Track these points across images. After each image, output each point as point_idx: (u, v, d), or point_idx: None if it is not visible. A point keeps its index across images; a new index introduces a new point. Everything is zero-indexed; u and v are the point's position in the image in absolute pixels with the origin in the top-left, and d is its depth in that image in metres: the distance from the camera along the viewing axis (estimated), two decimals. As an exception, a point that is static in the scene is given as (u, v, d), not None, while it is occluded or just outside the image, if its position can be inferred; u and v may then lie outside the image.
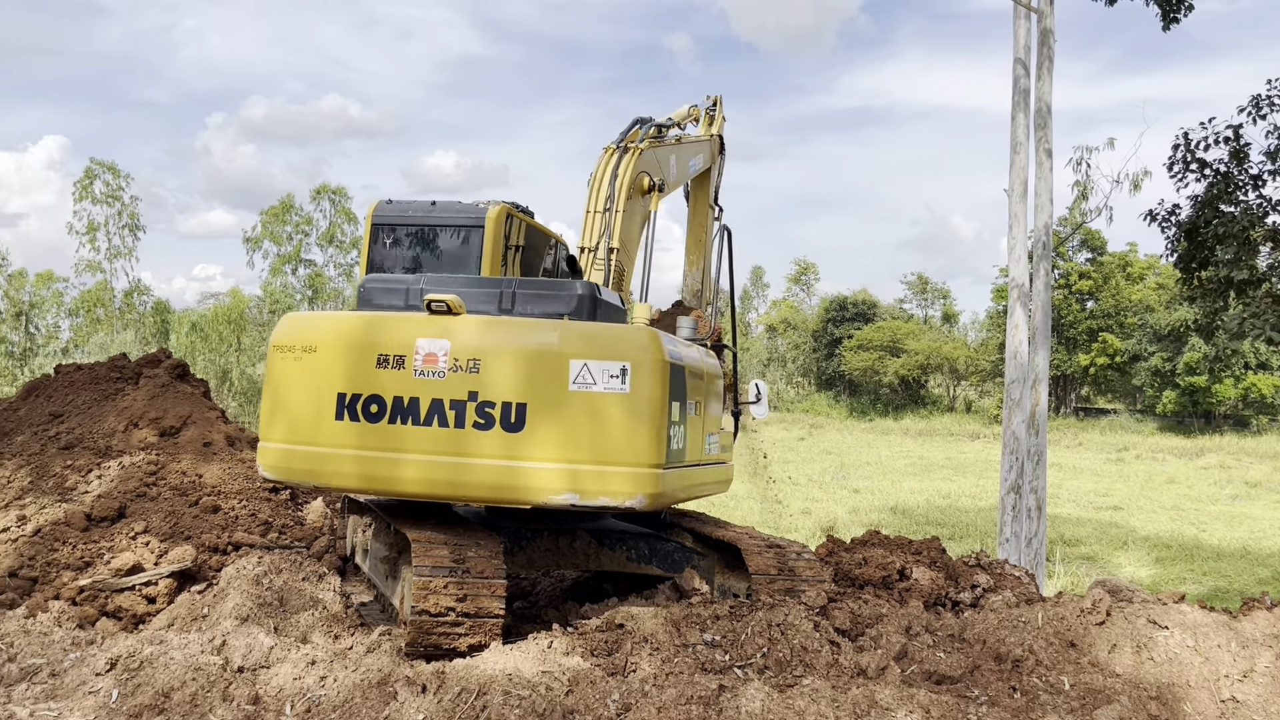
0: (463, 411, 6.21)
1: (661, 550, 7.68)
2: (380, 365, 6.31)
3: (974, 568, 8.36)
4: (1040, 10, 15.30)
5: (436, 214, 8.12)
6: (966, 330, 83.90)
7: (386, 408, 6.29)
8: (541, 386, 6.16)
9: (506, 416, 6.19)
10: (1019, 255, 15.16)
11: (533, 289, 6.87)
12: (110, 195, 56.89)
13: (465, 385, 6.22)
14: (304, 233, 62.02)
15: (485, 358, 6.22)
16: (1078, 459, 42.26)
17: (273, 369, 6.64)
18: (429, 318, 6.43)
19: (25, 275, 51.68)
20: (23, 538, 7.51)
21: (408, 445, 6.26)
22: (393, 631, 6.56)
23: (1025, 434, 14.65)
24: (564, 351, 6.20)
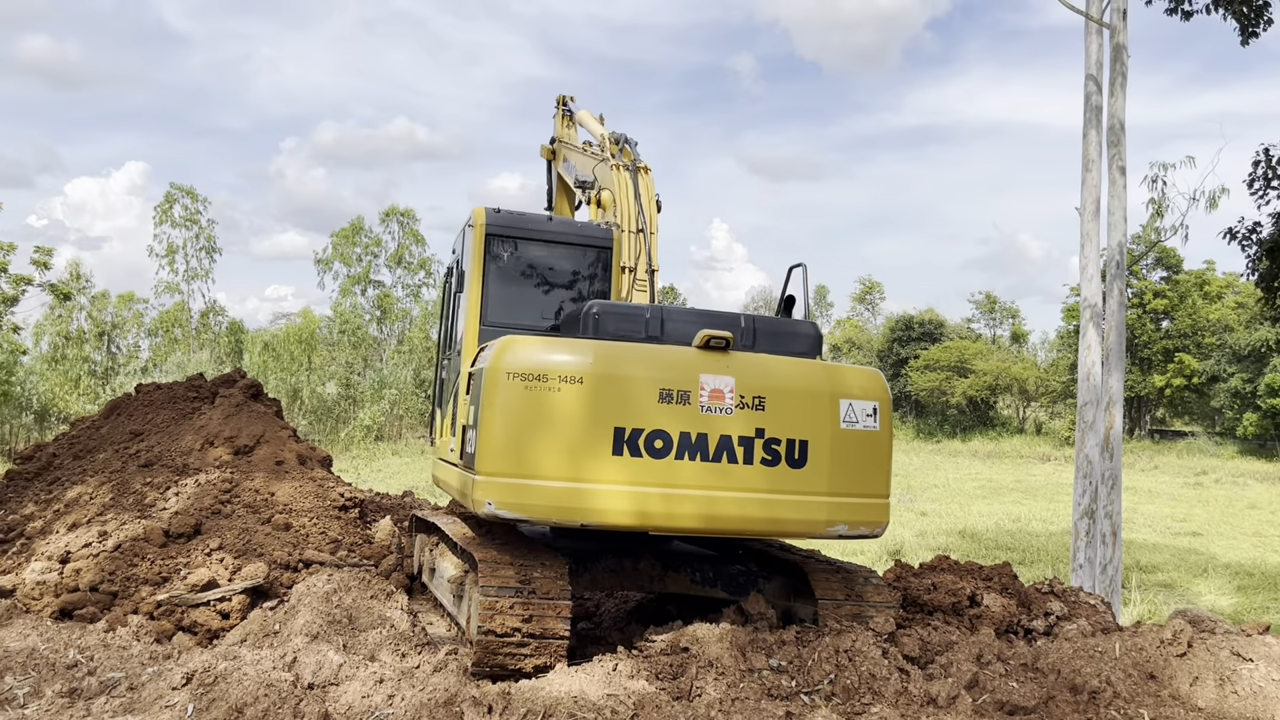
0: (751, 448, 6.38)
1: (726, 573, 7.63)
2: (663, 400, 6.27)
3: (1047, 595, 8.17)
4: (1113, 26, 15.03)
5: (562, 230, 8.07)
6: (1036, 350, 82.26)
7: (672, 444, 6.26)
8: (819, 424, 6.51)
9: (791, 452, 6.45)
10: (1091, 274, 14.85)
11: (770, 326, 6.99)
12: (189, 219, 58.58)
13: (752, 422, 6.38)
14: (373, 254, 63.16)
15: (769, 395, 6.44)
16: (1154, 483, 41.10)
17: (509, 398, 6.22)
18: (706, 354, 6.47)
19: (108, 296, 53.33)
20: (104, 553, 7.72)
21: (691, 481, 6.27)
22: (459, 651, 6.60)
23: (1099, 457, 14.30)
24: (835, 391, 6.60)
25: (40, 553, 7.91)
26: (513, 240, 7.80)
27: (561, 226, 8.08)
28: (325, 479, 9.24)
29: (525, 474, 6.16)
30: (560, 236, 7.97)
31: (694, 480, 6.25)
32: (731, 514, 6.36)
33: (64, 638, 6.76)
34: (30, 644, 6.58)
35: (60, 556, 7.74)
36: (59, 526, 8.36)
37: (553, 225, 8.05)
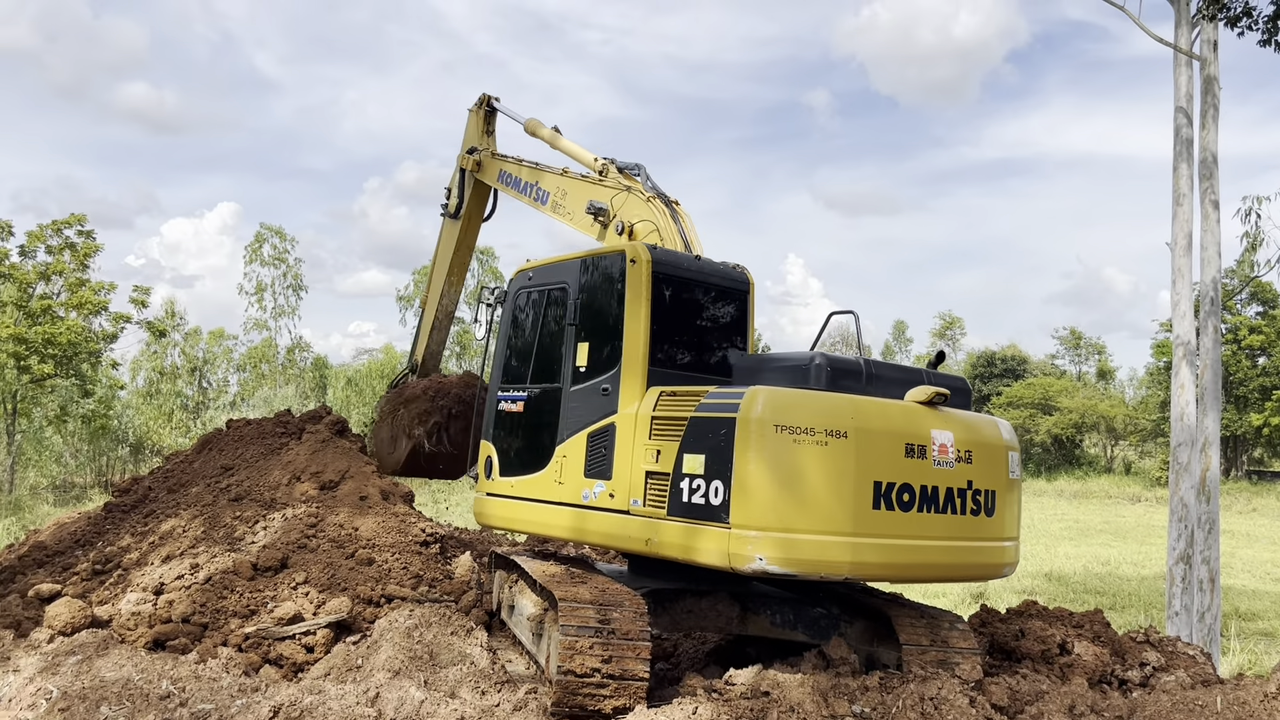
0: (965, 499, 6.75)
1: (807, 616, 7.52)
2: (909, 454, 6.53)
3: (1142, 644, 7.89)
4: (1203, 58, 14.68)
5: (712, 272, 7.87)
6: (1124, 387, 80.00)
7: (915, 497, 6.52)
8: (1001, 474, 7.01)
9: (988, 502, 6.88)
10: (1184, 311, 14.42)
11: (944, 382, 7.21)
12: (277, 257, 60.35)
13: (965, 475, 6.75)
14: (453, 291, 64.19)
15: (975, 449, 6.84)
16: (1252, 526, 39.45)
17: (776, 451, 6.22)
18: (929, 409, 6.79)
19: (200, 333, 55.16)
20: (195, 585, 7.92)
21: (928, 532, 6.57)
22: (539, 690, 6.60)
23: (1194, 500, 13.79)
24: (1008, 444, 7.17)
25: (136, 584, 8.15)
26: (675, 279, 7.58)
27: (708, 267, 7.85)
28: (407, 514, 9.36)
29: (795, 528, 6.20)
30: (710, 277, 7.81)
31: (931, 531, 6.56)
32: (955, 562, 6.74)
33: (157, 668, 6.94)
34: (125, 674, 6.78)
35: (154, 588, 7.97)
36: (154, 558, 8.61)
37: (702, 265, 7.83)
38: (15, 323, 31.01)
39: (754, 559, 6.09)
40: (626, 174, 8.75)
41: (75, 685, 6.61)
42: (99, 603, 8.08)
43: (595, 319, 7.65)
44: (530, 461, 7.96)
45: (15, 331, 30.37)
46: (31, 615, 7.96)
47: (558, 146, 10.13)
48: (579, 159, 9.58)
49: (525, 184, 10.05)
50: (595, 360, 7.51)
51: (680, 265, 7.66)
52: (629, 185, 8.63)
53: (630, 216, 8.39)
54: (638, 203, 8.43)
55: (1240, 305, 64.21)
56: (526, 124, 10.68)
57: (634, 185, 8.60)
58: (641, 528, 6.80)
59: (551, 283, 8.17)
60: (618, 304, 7.45)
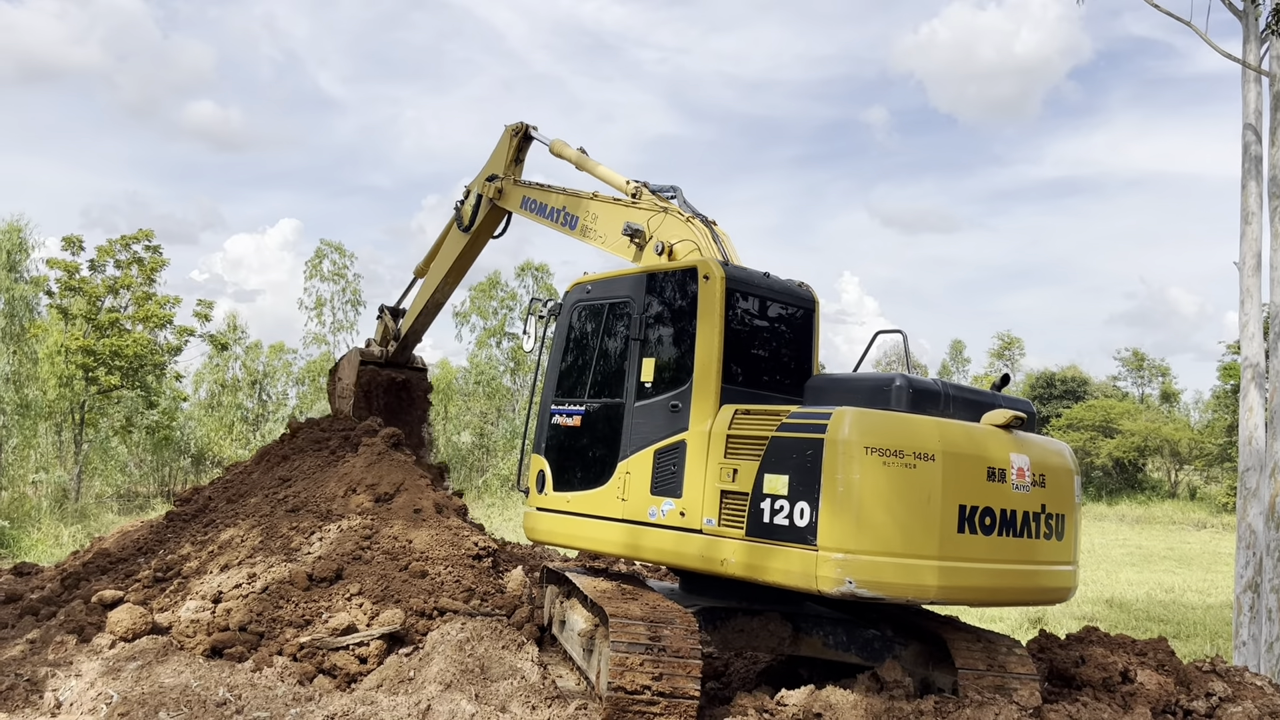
0: (1039, 523, 6.81)
1: (861, 638, 7.41)
2: (990, 478, 6.57)
3: (1209, 674, 7.65)
4: (1272, 74, 14.35)
5: (781, 289, 7.83)
6: (1189, 410, 78.05)
7: (996, 520, 6.57)
8: (1070, 499, 7.09)
9: (1059, 525, 6.96)
10: (1253, 332, 14.05)
11: (1014, 406, 7.24)
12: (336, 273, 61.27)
13: (1039, 499, 6.81)
14: (508, 307, 64.73)
15: (1048, 474, 6.91)
16: (1324, 555, 38.13)
17: (869, 474, 6.20)
18: (1009, 434, 6.85)
19: (260, 347, 56.15)
20: (253, 594, 8.04)
21: (1008, 556, 6.62)
22: (589, 706, 6.59)
23: (1263, 527, 13.39)
24: (1073, 469, 7.23)
25: (195, 591, 8.30)
26: (747, 295, 7.54)
27: (777, 284, 7.80)
28: (460, 528, 9.42)
29: (886, 551, 6.17)
30: (779, 295, 7.77)
31: (1010, 555, 6.58)
32: (1032, 585, 6.79)
33: (214, 676, 7.05)
34: (184, 680, 6.89)
35: (213, 596, 8.10)
36: (212, 567, 8.76)
37: (771, 282, 7.77)
38: (84, 335, 31.87)
39: (843, 581, 6.04)
40: (660, 196, 8.71)
41: (135, 690, 6.74)
42: (159, 609, 8.23)
43: (663, 334, 7.60)
44: (588, 477, 7.85)
45: (84, 344, 31.22)
46: (94, 621, 8.13)
47: (584, 167, 10.05)
48: (610, 182, 9.53)
49: (552, 209, 9.92)
50: (662, 376, 7.45)
51: (751, 282, 7.62)
52: (665, 207, 8.57)
53: (669, 236, 8.35)
54: (676, 223, 8.39)
55: (1311, 327, 62.33)
56: (552, 145, 10.61)
57: (670, 207, 8.55)
58: (716, 547, 6.73)
59: (613, 297, 8.06)
60: (688, 320, 7.38)
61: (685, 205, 8.58)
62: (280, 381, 58.00)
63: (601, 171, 9.78)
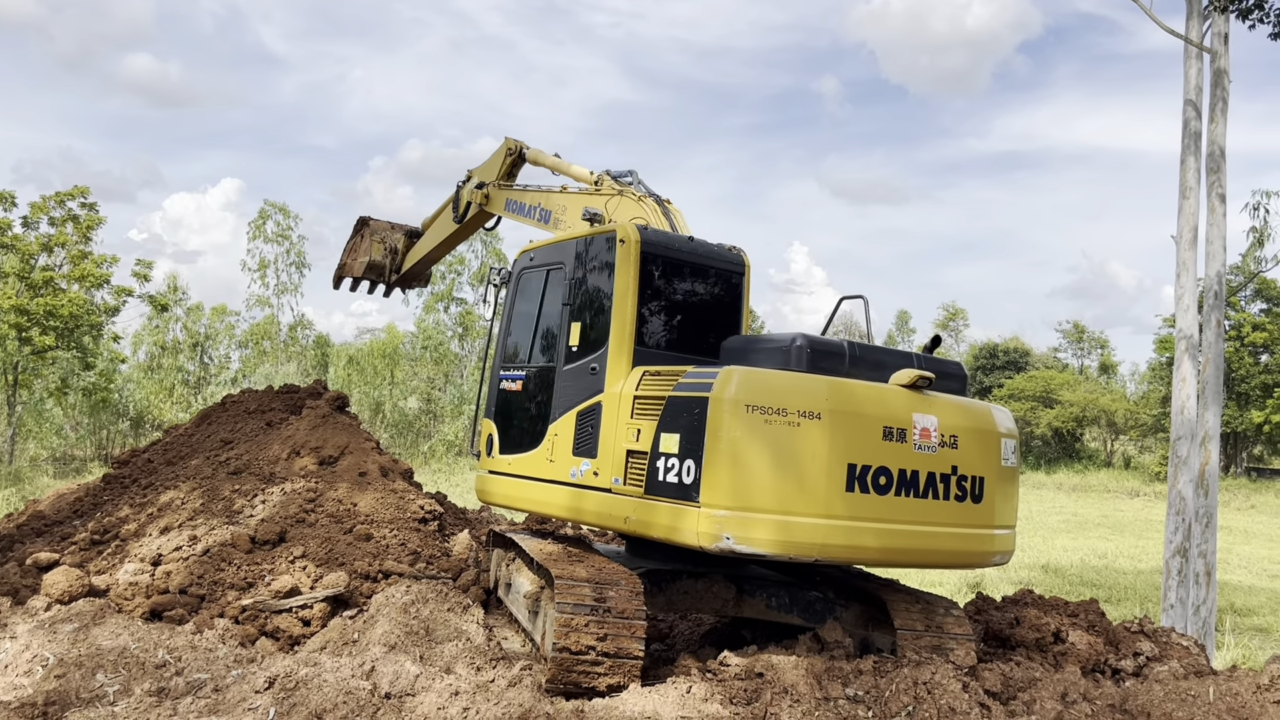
0: (948, 484, 6.67)
1: (803, 599, 7.53)
2: (886, 437, 6.46)
3: (1137, 635, 7.90)
4: (1213, 50, 14.61)
5: (706, 253, 7.86)
6: (1126, 382, 79.96)
7: (893, 480, 6.46)
8: (991, 461, 6.89)
9: (975, 489, 6.78)
10: (1187, 305, 14.39)
11: (934, 366, 7.12)
12: (280, 235, 60.21)
13: (949, 460, 6.67)
14: (456, 272, 64.17)
15: (961, 434, 6.74)
16: (1250, 522, 39.49)
17: (748, 432, 6.20)
18: (912, 393, 6.71)
19: (202, 309, 55.12)
20: (193, 556, 7.94)
21: (906, 517, 6.50)
22: (534, 667, 6.63)
23: (1193, 495, 13.80)
24: (1000, 431, 7.02)
25: (133, 554, 8.17)
26: (664, 259, 7.59)
27: (702, 248, 7.84)
28: (406, 491, 9.38)
29: (764, 508, 6.16)
30: (704, 258, 7.78)
31: (909, 515, 6.48)
32: (937, 547, 6.64)
33: (154, 638, 6.97)
34: (121, 643, 6.80)
35: (152, 559, 7.99)
36: (152, 529, 8.63)
37: (695, 246, 7.81)
38: (17, 294, 31.01)
39: (721, 538, 6.10)
40: (619, 181, 8.90)
41: (71, 652, 6.64)
42: (96, 572, 8.10)
43: (587, 299, 7.67)
44: (526, 440, 8.02)
45: (17, 303, 30.38)
46: (29, 583, 7.98)
47: (559, 170, 10.33)
48: (578, 178, 9.78)
49: (529, 208, 10.22)
50: (585, 340, 7.53)
51: (671, 246, 7.66)
52: (620, 190, 8.77)
53: (623, 216, 8.48)
54: (630, 203, 8.57)
55: (1245, 302, 64.13)
56: (529, 155, 10.89)
57: (626, 190, 8.73)
58: (621, 505, 6.84)
59: (550, 263, 8.22)
60: (608, 283, 7.46)
61: (639, 186, 8.77)
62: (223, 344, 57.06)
63: (573, 170, 10.02)
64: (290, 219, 60.80)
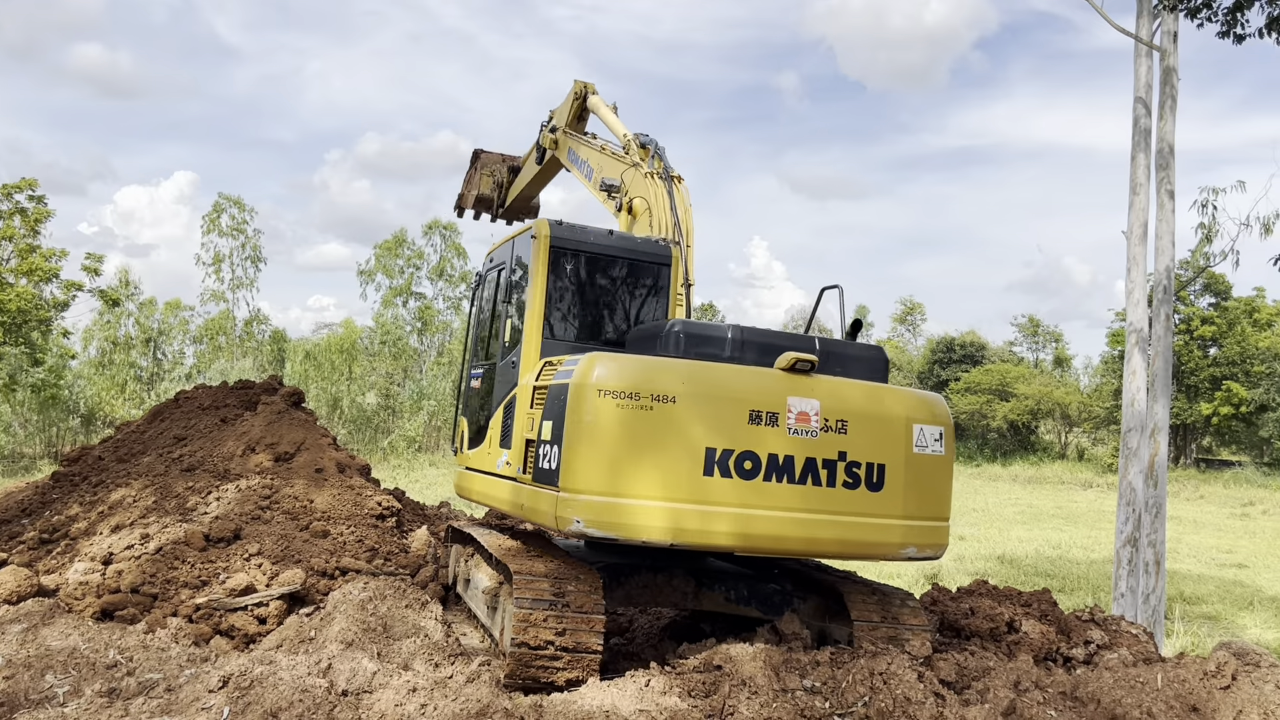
0: (834, 470, 6.44)
1: (761, 592, 7.58)
2: (753, 421, 6.29)
3: (1087, 623, 8.04)
4: (1163, 49, 14.86)
5: (622, 244, 7.93)
6: (1080, 375, 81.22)
7: (761, 465, 6.28)
8: (895, 448, 6.58)
9: (870, 476, 6.52)
10: (1138, 299, 14.65)
11: (841, 350, 7.00)
12: (235, 228, 59.45)
13: (835, 445, 6.44)
14: (415, 266, 63.70)
15: (851, 419, 6.49)
16: (1199, 513, 40.32)
17: (601, 416, 6.20)
18: (792, 376, 6.52)
19: (155, 303, 54.24)
20: (145, 555, 7.82)
21: (779, 503, 6.30)
22: (492, 663, 6.61)
23: (1143, 485, 14.06)
24: (909, 416, 6.70)
25: (83, 553, 8.03)
26: (576, 253, 7.68)
27: (622, 241, 7.92)
28: (363, 487, 9.31)
29: (615, 493, 6.15)
30: (622, 251, 7.83)
31: (781, 502, 6.30)
32: (816, 536, 6.44)
33: (104, 638, 6.86)
34: (71, 643, 6.69)
35: (103, 558, 7.86)
36: (102, 528, 8.49)
37: (614, 240, 7.89)
38: (-37, 289, 30.36)
39: (572, 521, 6.14)
40: (644, 150, 8.79)
41: (20, 654, 6.52)
42: (45, 572, 7.96)
43: (517, 296, 7.89)
44: (479, 435, 8.33)
45: (-37, 298, 29.74)
46: (-24, 584, 7.82)
47: (598, 114, 10.11)
48: (613, 131, 9.59)
49: (581, 161, 10.11)
50: (514, 336, 7.76)
51: (584, 240, 7.76)
52: (635, 163, 8.75)
53: (632, 193, 8.57)
54: (639, 180, 8.54)
55: (1194, 296, 65.39)
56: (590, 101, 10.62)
57: (641, 163, 8.71)
58: (518, 493, 7.01)
59: (499, 262, 8.50)
60: (527, 279, 7.65)
61: (652, 161, 8.65)
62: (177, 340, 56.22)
63: (614, 129, 9.76)
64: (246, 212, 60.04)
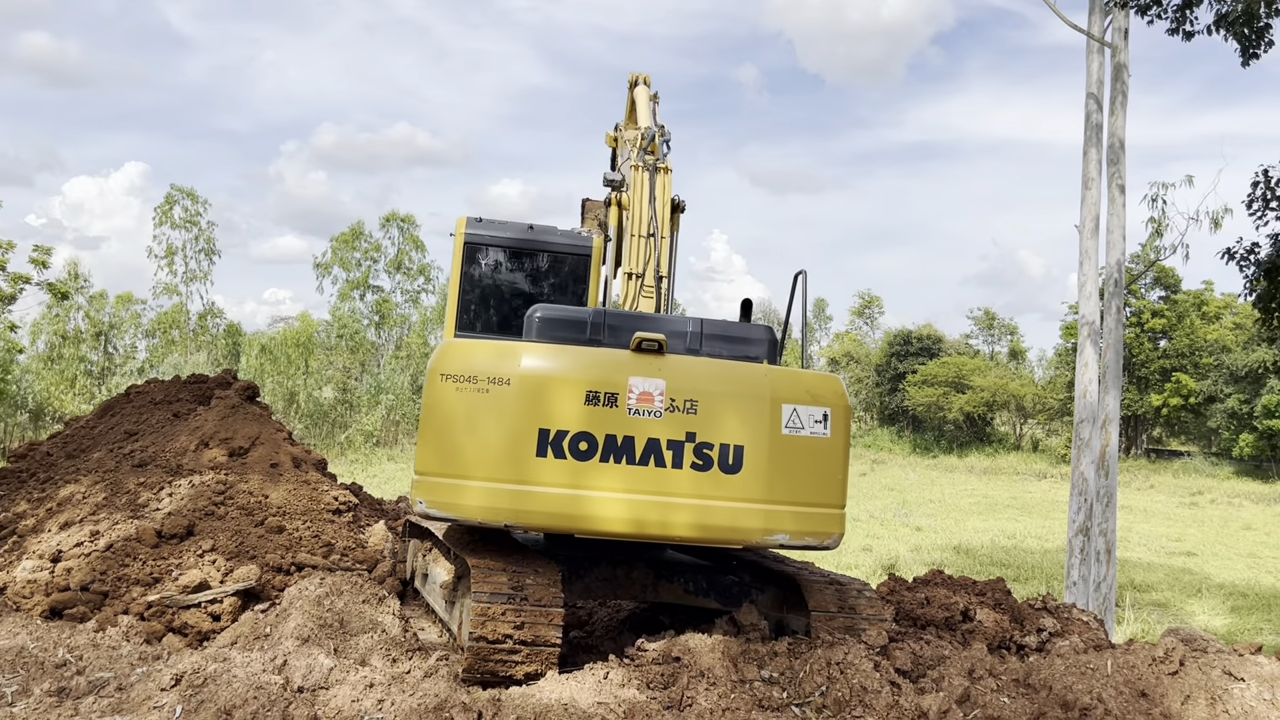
0: (680, 452, 6.22)
1: (720, 584, 7.61)
2: (590, 402, 6.18)
3: (1040, 611, 8.17)
4: (1114, 45, 15.09)
5: (541, 238, 8.03)
6: (1034, 367, 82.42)
7: (597, 446, 6.16)
8: (757, 429, 6.29)
9: (725, 458, 6.27)
10: (1090, 292, 14.88)
11: (719, 330, 6.86)
12: (188, 220, 58.59)
13: (683, 426, 6.23)
14: (372, 259, 63.13)
15: (702, 399, 6.26)
16: (1149, 502, 41.11)
17: (442, 399, 6.29)
18: (638, 356, 6.35)
19: (105, 297, 53.30)
20: (95, 552, 7.69)
21: (616, 484, 6.16)
22: (450, 657, 6.58)
23: (1094, 475, 14.30)
24: (778, 396, 6.38)
25: (31, 551, 7.88)
26: (492, 248, 7.90)
27: (542, 235, 8.06)
28: (320, 482, 9.21)
29: (454, 474, 6.24)
30: (538, 245, 7.98)
31: (619, 483, 6.16)
32: (662, 519, 6.23)
33: (53, 637, 6.74)
34: (19, 642, 6.56)
35: (51, 555, 7.71)
36: (51, 525, 8.33)
37: (532, 234, 8.03)
38: (-94, 282, 29.64)
39: (417, 503, 6.31)
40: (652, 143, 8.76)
41: (-35, 654, 6.38)
42: (-8, 570, 7.79)
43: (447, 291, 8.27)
44: None
45: (-94, 291, 29.05)
46: (-81, 583, 7.64)
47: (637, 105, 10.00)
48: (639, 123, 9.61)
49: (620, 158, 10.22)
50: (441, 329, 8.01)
51: (499, 235, 7.96)
52: (627, 156, 8.94)
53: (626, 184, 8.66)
54: (631, 171, 8.58)
55: (1144, 290, 66.54)
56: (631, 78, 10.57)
57: (632, 156, 8.80)
58: None
59: None
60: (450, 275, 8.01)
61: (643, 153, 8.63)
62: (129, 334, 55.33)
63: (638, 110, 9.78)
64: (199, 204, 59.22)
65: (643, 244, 8.03)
